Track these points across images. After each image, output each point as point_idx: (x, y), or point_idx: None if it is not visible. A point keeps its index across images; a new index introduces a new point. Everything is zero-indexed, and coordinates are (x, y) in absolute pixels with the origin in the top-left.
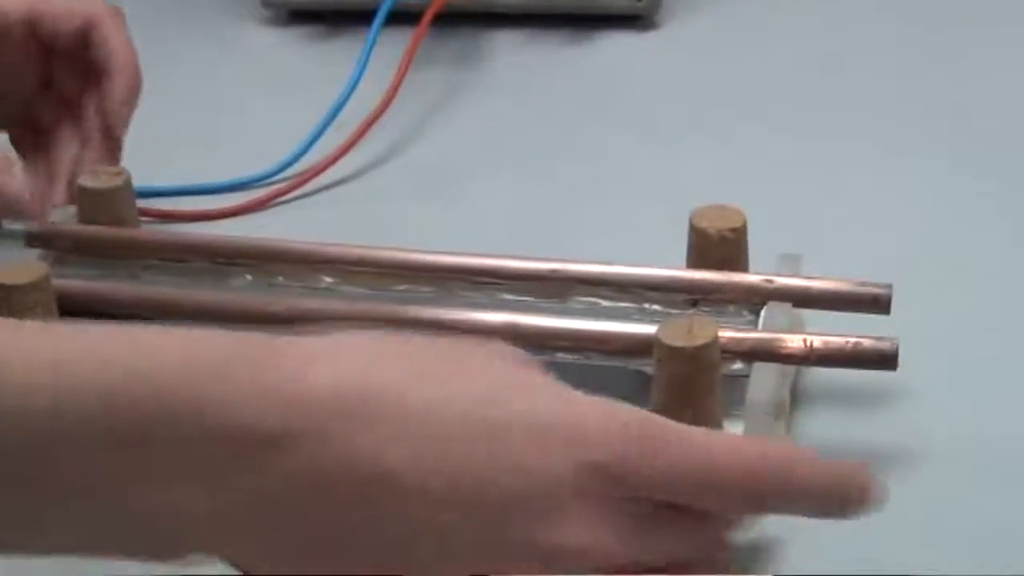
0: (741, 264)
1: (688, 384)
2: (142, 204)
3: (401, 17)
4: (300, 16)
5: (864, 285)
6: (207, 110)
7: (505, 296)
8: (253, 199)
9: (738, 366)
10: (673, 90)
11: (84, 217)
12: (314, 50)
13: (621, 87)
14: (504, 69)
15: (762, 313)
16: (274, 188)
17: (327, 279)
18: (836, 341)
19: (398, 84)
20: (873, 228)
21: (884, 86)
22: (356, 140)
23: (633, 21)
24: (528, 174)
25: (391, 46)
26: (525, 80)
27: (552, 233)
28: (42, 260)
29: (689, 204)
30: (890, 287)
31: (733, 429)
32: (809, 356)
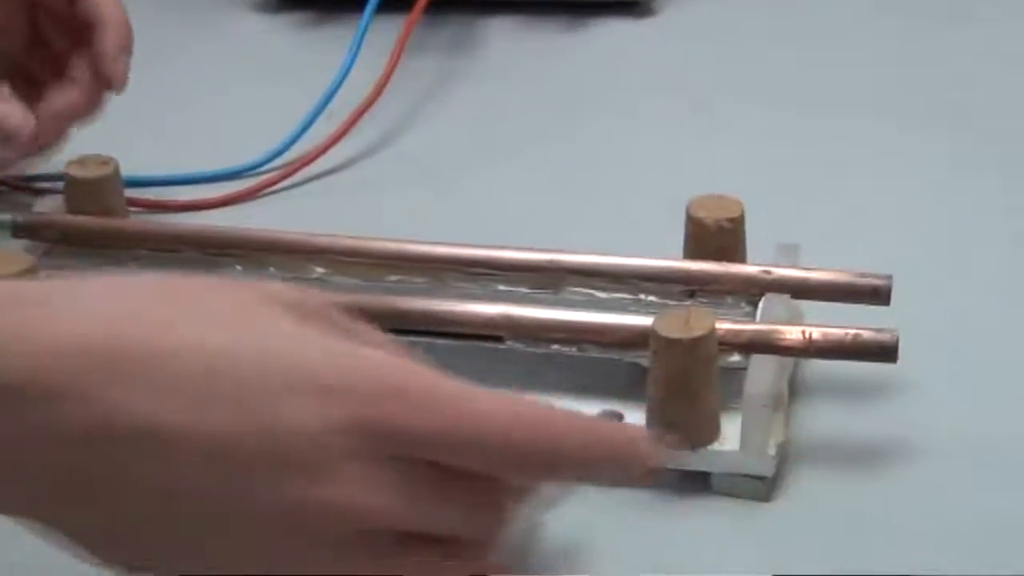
0: (739, 255)
1: (685, 377)
2: (131, 194)
3: (393, 4)
4: (291, 2)
5: (863, 276)
6: (196, 98)
7: (499, 287)
8: (243, 189)
9: (736, 358)
10: (670, 78)
11: (72, 207)
12: (305, 37)
13: (617, 75)
14: (498, 56)
15: (760, 304)
16: (265, 177)
17: (318, 269)
18: (835, 333)
19: (390, 72)
20: (872, 218)
21: (884, 76)
22: (348, 129)
23: (629, 8)
24: (523, 163)
25: (383, 33)
26: (519, 67)
27: (547, 223)
28: (29, 252)
29: (686, 194)
30: (890, 278)
31: (731, 423)
32: (808, 348)
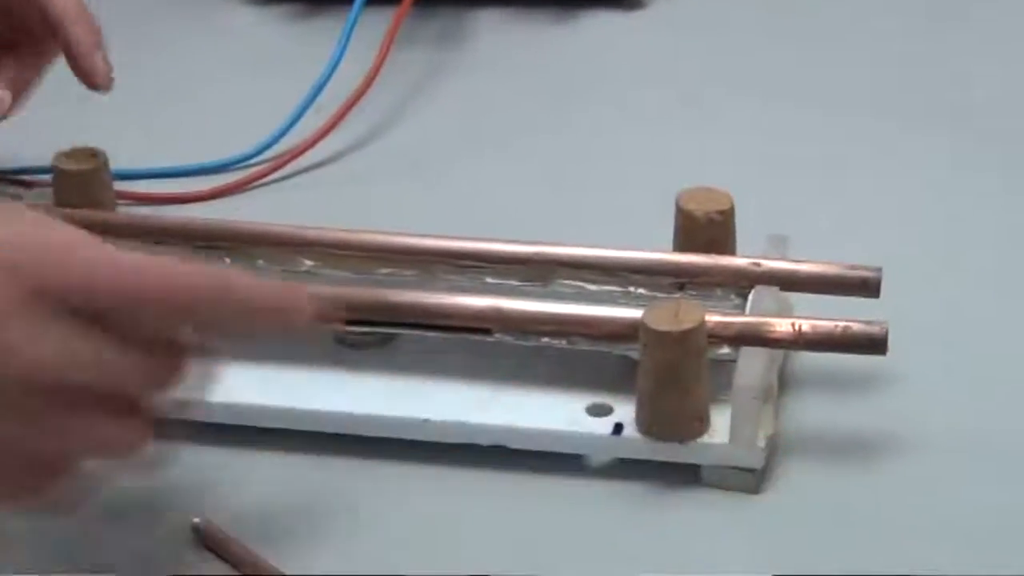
0: (728, 247)
1: (674, 369)
2: (119, 186)
3: None
4: None
5: (853, 268)
6: (185, 91)
7: (488, 279)
8: (232, 181)
9: (725, 351)
10: (659, 71)
11: (60, 200)
12: (294, 30)
13: (606, 67)
14: (487, 49)
15: (750, 297)
16: (254, 170)
17: (307, 262)
18: (825, 325)
19: (379, 65)
20: (862, 210)
21: (873, 69)
22: (337, 121)
23: (619, 0)
24: (512, 155)
25: (372, 26)
26: (509, 60)
27: (536, 216)
28: None
29: (676, 186)
30: (879, 270)
31: (720, 415)
32: (797, 340)
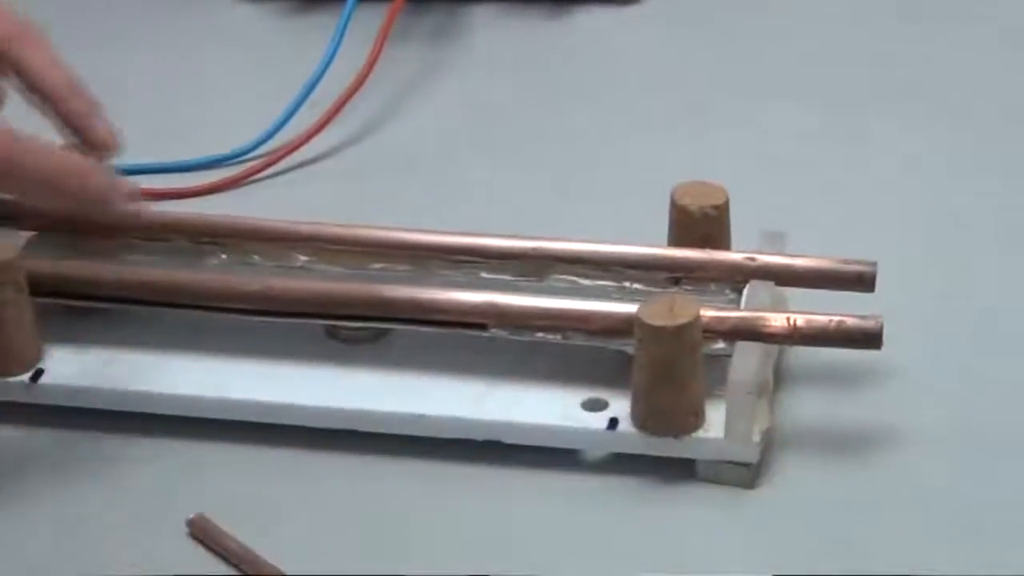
0: (723, 242)
1: (670, 364)
2: None
3: None
4: None
5: (848, 263)
6: (180, 86)
7: (483, 275)
8: (227, 177)
9: (720, 345)
10: (655, 65)
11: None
12: (289, 25)
13: (601, 63)
14: (482, 45)
15: (745, 291)
16: (248, 166)
17: (302, 257)
18: (820, 320)
19: (373, 60)
20: (857, 205)
21: (870, 62)
22: (331, 117)
23: None
24: (506, 151)
25: (366, 22)
26: (503, 56)
27: (531, 210)
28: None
29: (671, 181)
30: (874, 265)
31: (716, 410)
32: (792, 335)
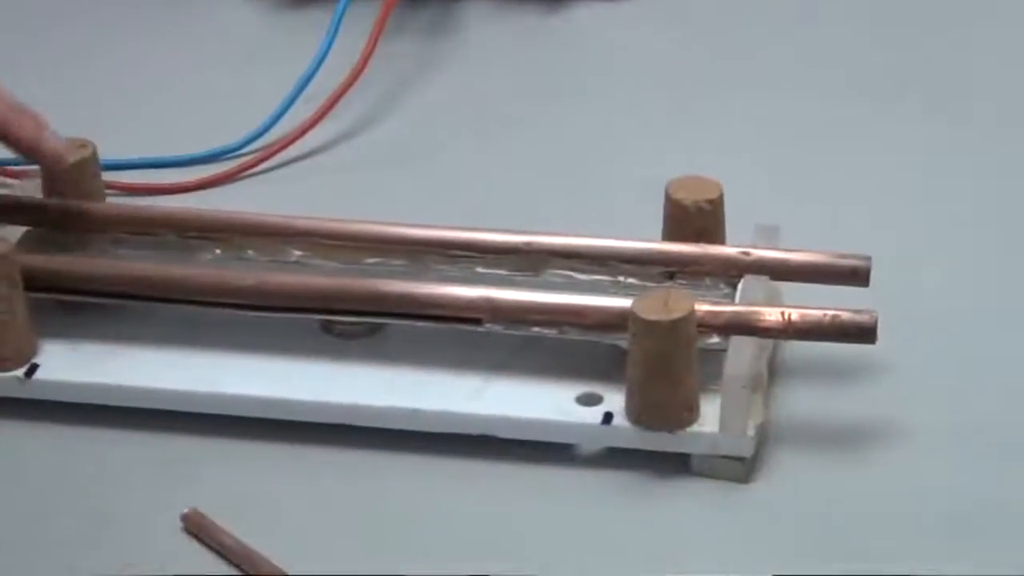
0: (718, 236)
1: (664, 358)
2: (108, 177)
3: None
4: None
5: (843, 257)
6: (174, 81)
7: (479, 269)
8: (221, 172)
9: (715, 340)
10: (649, 60)
11: (50, 190)
12: (283, 20)
13: (595, 57)
14: (476, 40)
15: (739, 286)
16: (243, 161)
17: (297, 252)
18: (814, 314)
19: (368, 55)
20: (852, 199)
21: (862, 58)
22: (326, 112)
23: None
24: (502, 146)
25: (361, 17)
26: (497, 51)
27: (526, 205)
28: (7, 235)
29: (665, 175)
30: (869, 259)
31: (710, 404)
32: (787, 329)
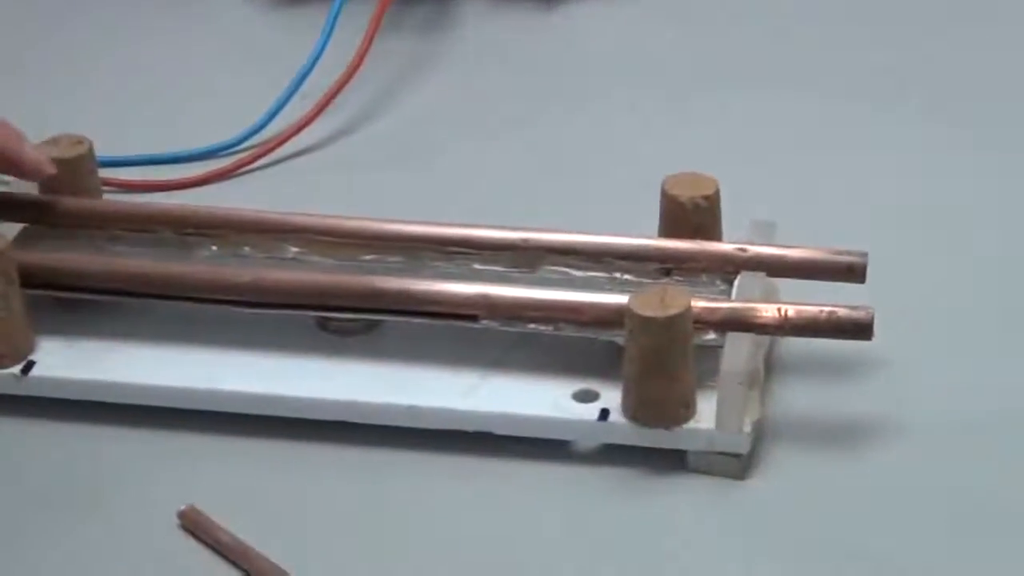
0: (714, 232)
1: (660, 355)
2: (105, 174)
3: None
4: None
5: (839, 253)
6: (170, 78)
7: (475, 266)
8: (218, 169)
9: (711, 336)
10: (644, 57)
11: (46, 187)
12: (279, 17)
13: (591, 54)
14: (473, 37)
15: (735, 282)
16: (239, 157)
17: (293, 249)
18: (810, 310)
19: (364, 52)
20: (848, 195)
21: (859, 53)
22: (322, 109)
23: None
24: (498, 143)
25: (357, 14)
26: (493, 48)
27: (523, 202)
28: (3, 232)
29: (661, 171)
30: (865, 255)
31: (707, 400)
32: (783, 326)
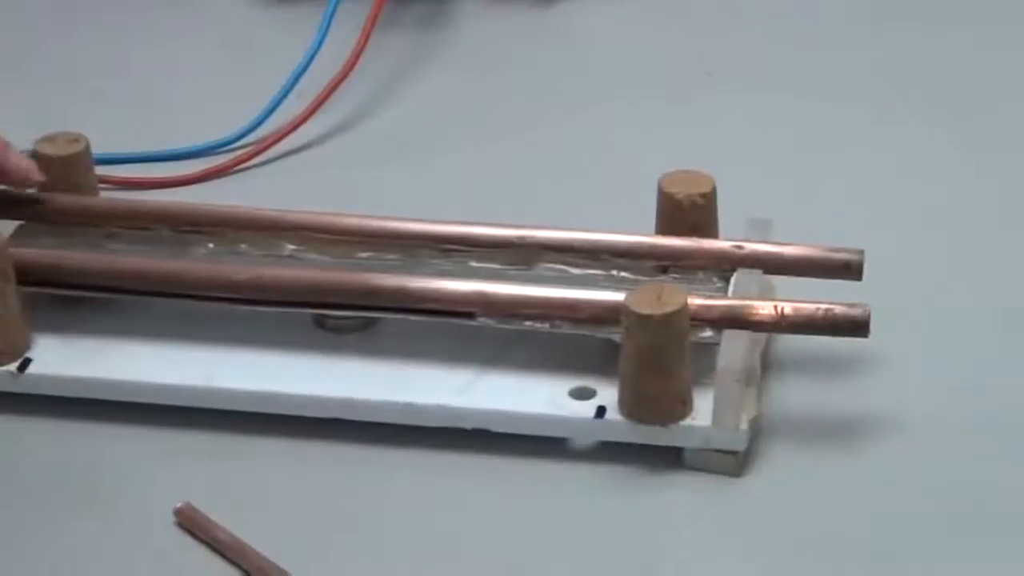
0: (711, 230)
1: (657, 352)
2: (101, 171)
3: None
4: None
5: (836, 251)
6: (167, 76)
7: (472, 263)
8: (214, 166)
9: (708, 334)
10: (642, 56)
11: (42, 184)
12: (275, 15)
13: (589, 52)
14: (470, 34)
15: (732, 280)
16: (236, 155)
17: (290, 246)
18: (807, 308)
19: (361, 49)
20: (845, 193)
21: (855, 51)
22: (319, 106)
23: None
24: (495, 140)
25: (354, 11)
26: (491, 45)
27: (520, 199)
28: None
29: (658, 169)
30: (862, 253)
31: (703, 398)
32: (780, 323)
